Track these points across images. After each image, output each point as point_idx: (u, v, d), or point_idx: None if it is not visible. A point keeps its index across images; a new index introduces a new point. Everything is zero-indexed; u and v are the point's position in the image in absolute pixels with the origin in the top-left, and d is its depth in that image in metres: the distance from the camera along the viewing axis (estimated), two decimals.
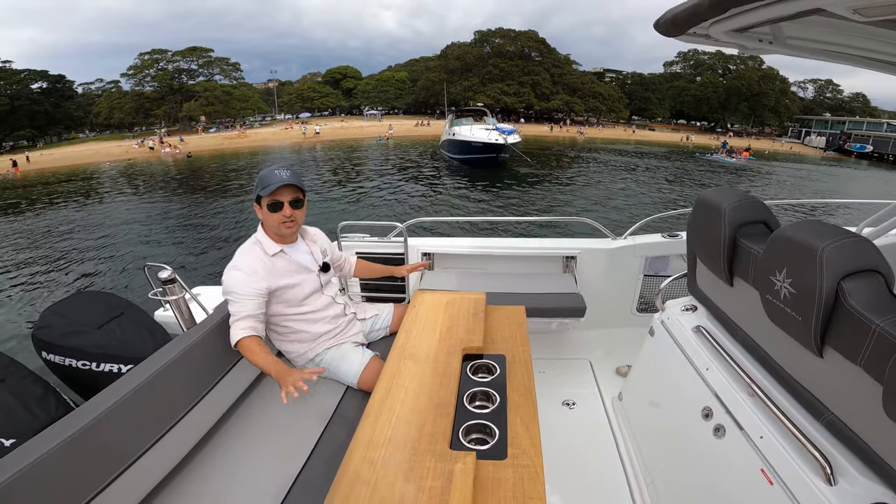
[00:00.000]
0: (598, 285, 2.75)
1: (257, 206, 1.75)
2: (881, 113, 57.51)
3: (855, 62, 1.40)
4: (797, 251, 0.98)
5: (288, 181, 1.68)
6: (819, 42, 1.30)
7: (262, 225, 1.79)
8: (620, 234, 2.82)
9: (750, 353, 1.33)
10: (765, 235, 1.19)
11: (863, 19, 0.87)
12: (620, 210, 14.82)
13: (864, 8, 0.83)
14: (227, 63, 56.56)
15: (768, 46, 1.30)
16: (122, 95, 53.56)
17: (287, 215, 1.72)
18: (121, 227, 13.13)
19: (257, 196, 1.72)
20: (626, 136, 52.46)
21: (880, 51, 1.27)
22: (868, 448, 0.90)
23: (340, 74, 70.65)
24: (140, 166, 30.64)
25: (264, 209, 1.72)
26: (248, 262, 1.71)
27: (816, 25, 1.13)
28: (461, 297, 1.93)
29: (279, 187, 1.67)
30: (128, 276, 8.72)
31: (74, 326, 1.84)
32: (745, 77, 55.76)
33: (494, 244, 2.91)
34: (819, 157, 43.20)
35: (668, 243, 2.73)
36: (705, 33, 1.27)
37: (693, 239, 1.59)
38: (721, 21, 1.15)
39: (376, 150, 33.93)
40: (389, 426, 1.21)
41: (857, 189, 24.92)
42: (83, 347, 1.80)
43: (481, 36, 61.07)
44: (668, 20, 1.22)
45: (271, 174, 1.70)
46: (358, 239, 2.86)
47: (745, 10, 1.03)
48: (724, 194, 1.37)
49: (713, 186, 21.00)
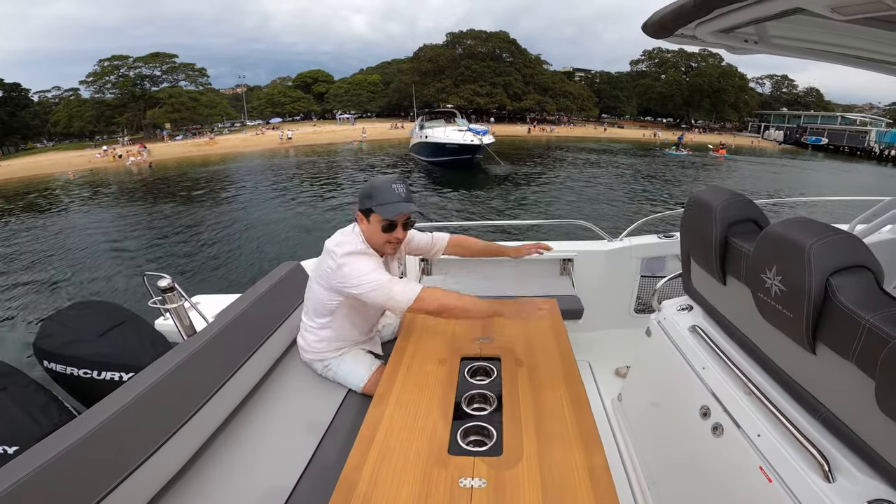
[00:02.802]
0: (595, 287, 2.75)
1: (363, 215, 1.66)
2: (834, 107, 60.53)
3: (840, 60, 1.42)
4: (786, 249, 0.98)
5: (410, 206, 1.61)
6: (803, 41, 1.32)
7: (363, 232, 1.69)
8: (616, 236, 2.83)
9: (745, 351, 1.33)
10: (755, 234, 1.20)
11: (842, 18, 0.88)
12: (596, 201, 15.24)
13: (841, 6, 0.84)
14: (193, 69, 54.93)
15: (754, 46, 1.32)
16: (82, 103, 51.28)
17: (399, 238, 1.67)
18: (105, 243, 12.60)
19: (368, 208, 1.62)
20: (598, 134, 53.58)
21: (863, 48, 1.29)
22: (864, 444, 0.90)
23: (311, 78, 69.64)
24: (105, 176, 29.47)
25: (374, 225, 1.63)
26: (365, 248, 1.65)
27: (799, 25, 1.15)
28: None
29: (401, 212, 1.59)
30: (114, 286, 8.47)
31: (75, 335, 1.84)
32: (706, 74, 57.64)
33: None
34: (777, 151, 45.14)
35: (663, 244, 2.74)
36: (692, 34, 1.30)
37: (686, 239, 1.59)
38: (706, 22, 1.18)
39: (351, 154, 33.60)
40: (389, 430, 1.22)
41: (814, 179, 26.18)
42: (84, 356, 1.81)
43: (453, 38, 61.17)
44: (656, 22, 1.24)
45: (389, 189, 1.60)
46: None
47: (728, 10, 1.05)
48: (715, 194, 1.37)
49: (682, 179, 21.92)
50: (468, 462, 1.10)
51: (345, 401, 1.82)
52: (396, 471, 1.08)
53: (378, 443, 1.18)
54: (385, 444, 1.17)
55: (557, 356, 1.56)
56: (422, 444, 1.17)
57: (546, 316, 1.76)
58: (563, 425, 1.22)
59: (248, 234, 12.07)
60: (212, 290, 2.83)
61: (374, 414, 1.30)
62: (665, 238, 2.76)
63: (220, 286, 8.18)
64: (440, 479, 1.05)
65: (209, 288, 7.87)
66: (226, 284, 8.30)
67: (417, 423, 1.25)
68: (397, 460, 1.12)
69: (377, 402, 1.35)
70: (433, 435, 1.20)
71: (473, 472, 1.06)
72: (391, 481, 1.05)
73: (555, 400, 1.33)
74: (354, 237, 1.68)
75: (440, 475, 1.06)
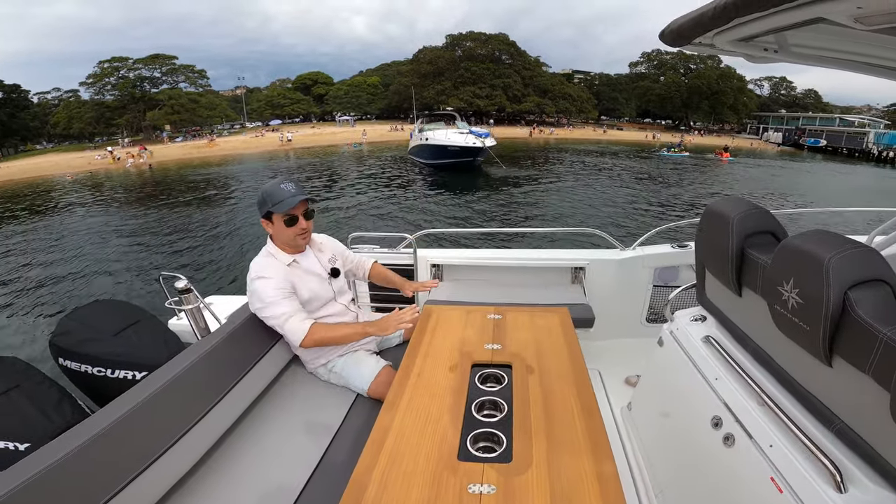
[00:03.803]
0: (606, 296, 2.75)
1: (266, 221, 1.79)
2: (833, 108, 60.84)
3: (861, 69, 1.40)
4: (804, 261, 0.98)
5: (300, 195, 1.74)
6: (824, 50, 1.30)
7: (273, 238, 1.84)
8: (629, 245, 2.83)
9: (759, 362, 1.33)
10: (772, 246, 1.19)
11: (865, 28, 0.87)
12: (595, 205, 15.27)
13: (865, 17, 0.84)
14: (193, 70, 55.12)
15: (774, 55, 1.31)
16: (82, 105, 51.43)
17: (304, 227, 1.79)
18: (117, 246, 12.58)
19: (267, 212, 1.76)
20: (598, 137, 53.76)
21: (885, 57, 1.28)
22: (878, 456, 0.90)
23: (311, 80, 69.92)
24: (105, 178, 29.45)
25: (278, 224, 1.76)
26: (272, 270, 1.77)
27: (820, 34, 1.13)
28: (470, 308, 1.98)
29: (294, 204, 1.73)
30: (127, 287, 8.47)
31: (91, 334, 1.88)
32: (704, 76, 57.93)
33: (503, 255, 2.94)
34: (776, 153, 45.29)
35: (677, 254, 2.73)
36: (710, 43, 1.29)
37: (701, 249, 1.58)
38: (725, 31, 1.17)
39: (352, 157, 33.62)
40: (399, 435, 1.23)
41: (811, 181, 26.22)
42: (99, 354, 1.85)
43: (453, 40, 61.44)
44: (674, 31, 1.23)
45: (278, 190, 1.74)
46: (368, 250, 2.89)
47: (747, 20, 1.04)
48: (732, 204, 1.37)
49: (680, 181, 21.99)
50: (477, 468, 1.10)
51: (354, 404, 1.85)
52: (406, 475, 1.09)
53: (388, 446, 1.18)
54: (395, 448, 1.18)
55: (569, 364, 1.56)
56: (432, 448, 1.17)
57: (411, 330, 1.87)
58: (574, 433, 1.22)
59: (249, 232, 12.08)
60: (213, 289, 2.85)
61: (385, 418, 1.30)
62: (679, 248, 2.75)
63: (220, 285, 8.21)
64: (449, 485, 1.05)
65: (212, 287, 7.90)
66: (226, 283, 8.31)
67: (428, 427, 1.25)
68: (407, 464, 1.12)
69: (388, 407, 1.35)
70: (443, 440, 1.20)
71: (483, 479, 1.06)
72: (401, 485, 1.06)
73: (565, 408, 1.33)
74: (260, 258, 1.82)
75: (449, 480, 1.07)
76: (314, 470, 1.50)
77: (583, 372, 1.51)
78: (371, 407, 1.80)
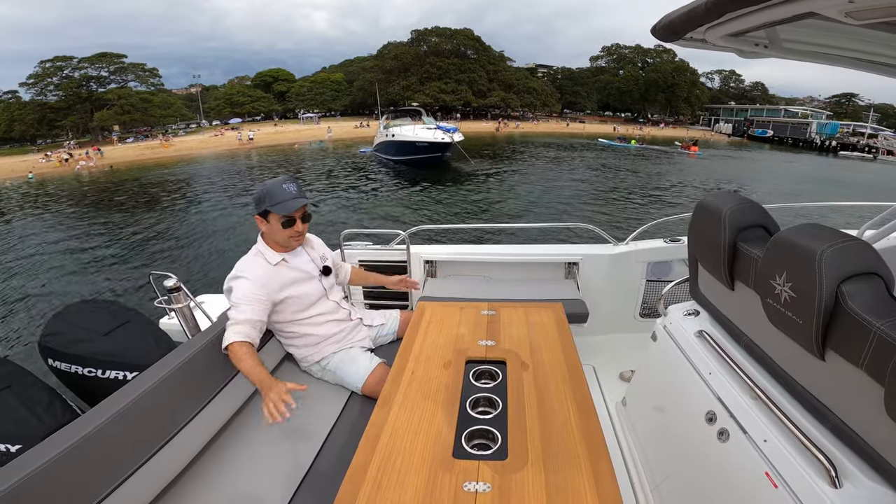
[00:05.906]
0: (600, 291, 2.76)
1: (261, 218, 1.77)
2: (779, 100, 64.45)
3: (852, 64, 1.41)
4: (796, 255, 0.98)
5: (302, 199, 1.74)
6: (815, 45, 1.31)
7: (263, 236, 1.83)
8: (622, 240, 2.84)
9: (752, 356, 1.33)
10: (764, 239, 1.19)
11: (855, 22, 0.87)
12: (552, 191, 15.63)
13: (856, 11, 0.84)
14: (143, 69, 52.34)
15: (765, 50, 1.32)
16: (23, 106, 48.03)
17: (300, 230, 1.79)
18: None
19: (264, 210, 1.73)
20: (561, 130, 54.87)
21: (876, 52, 1.29)
22: (872, 450, 0.90)
23: (272, 77, 67.72)
24: (52, 182, 27.70)
25: (274, 224, 1.74)
26: (254, 271, 1.75)
27: (811, 29, 1.14)
28: (463, 305, 1.97)
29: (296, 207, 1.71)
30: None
31: (81, 334, 1.84)
32: (660, 69, 60.06)
33: (496, 251, 2.95)
34: (727, 143, 47.59)
35: (670, 248, 2.73)
36: (702, 38, 1.29)
37: (694, 244, 1.58)
38: (717, 26, 1.17)
39: (317, 154, 33.04)
40: (393, 433, 1.22)
41: (756, 168, 27.71)
42: (89, 355, 1.81)
43: (418, 35, 60.98)
44: (665, 26, 1.23)
45: (280, 189, 1.72)
46: (361, 247, 2.88)
47: (739, 14, 1.04)
48: (724, 199, 1.37)
49: (637, 169, 22.84)
50: (473, 466, 1.09)
51: (348, 402, 1.85)
52: (401, 473, 1.08)
53: (382, 445, 1.17)
54: (389, 447, 1.16)
55: (563, 359, 1.54)
56: (426, 447, 1.16)
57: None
58: (569, 429, 1.21)
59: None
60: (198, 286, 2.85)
61: (379, 416, 1.29)
62: (671, 242, 2.75)
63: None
64: (444, 483, 1.04)
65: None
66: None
67: (422, 425, 1.24)
68: (402, 463, 1.11)
69: (381, 404, 1.34)
70: (438, 438, 1.19)
71: (478, 476, 1.05)
72: (395, 484, 1.05)
73: (560, 403, 1.31)
74: (248, 256, 1.80)
75: (444, 479, 1.05)
76: (308, 469, 1.50)
77: (577, 367, 1.50)
78: (365, 405, 1.80)
